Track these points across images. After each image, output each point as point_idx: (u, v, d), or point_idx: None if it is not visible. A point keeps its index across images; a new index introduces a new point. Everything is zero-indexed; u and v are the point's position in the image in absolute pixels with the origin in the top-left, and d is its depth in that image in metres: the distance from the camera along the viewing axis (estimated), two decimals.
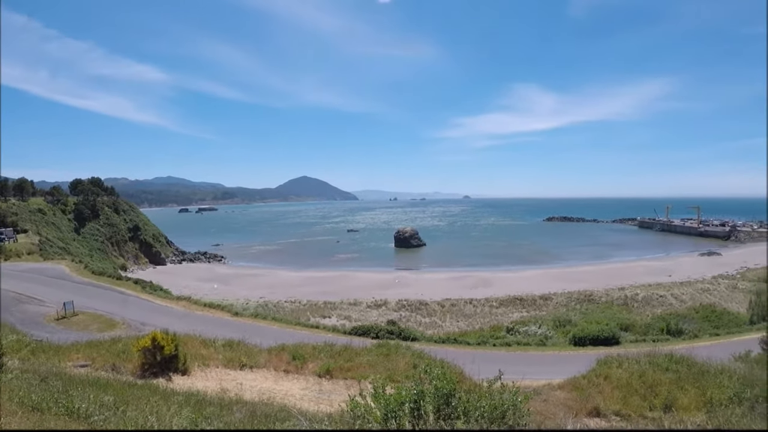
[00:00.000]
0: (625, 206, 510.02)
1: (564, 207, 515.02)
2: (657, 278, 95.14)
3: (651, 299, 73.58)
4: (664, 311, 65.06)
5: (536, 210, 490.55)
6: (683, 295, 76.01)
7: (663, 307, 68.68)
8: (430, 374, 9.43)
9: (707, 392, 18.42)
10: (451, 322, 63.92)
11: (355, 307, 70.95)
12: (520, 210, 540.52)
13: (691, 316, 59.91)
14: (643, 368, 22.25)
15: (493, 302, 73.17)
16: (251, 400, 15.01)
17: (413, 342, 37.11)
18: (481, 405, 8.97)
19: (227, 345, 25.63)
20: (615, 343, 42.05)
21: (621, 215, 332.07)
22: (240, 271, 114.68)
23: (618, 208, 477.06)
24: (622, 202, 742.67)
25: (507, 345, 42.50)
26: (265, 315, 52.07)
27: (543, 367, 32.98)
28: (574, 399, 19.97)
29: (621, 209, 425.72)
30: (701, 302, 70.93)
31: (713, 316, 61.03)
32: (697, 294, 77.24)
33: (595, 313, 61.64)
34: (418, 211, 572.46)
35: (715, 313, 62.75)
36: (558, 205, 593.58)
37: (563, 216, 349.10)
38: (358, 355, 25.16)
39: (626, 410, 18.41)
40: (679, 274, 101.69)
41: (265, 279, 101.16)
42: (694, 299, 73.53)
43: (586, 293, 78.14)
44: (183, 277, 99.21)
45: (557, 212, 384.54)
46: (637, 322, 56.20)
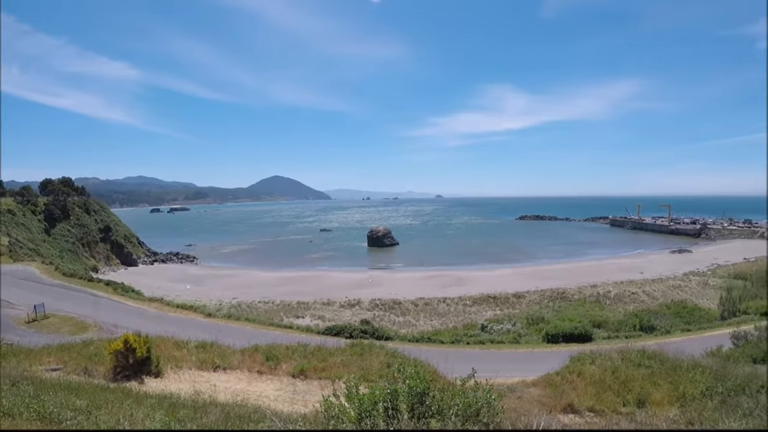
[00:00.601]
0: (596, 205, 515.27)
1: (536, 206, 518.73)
2: (629, 275, 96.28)
3: (623, 296, 74.38)
4: (636, 308, 65.78)
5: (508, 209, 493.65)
6: (655, 292, 76.98)
7: (635, 304, 69.47)
8: (403, 373, 9.43)
9: (680, 387, 18.57)
10: (425, 321, 63.99)
11: (328, 306, 70.71)
12: (492, 209, 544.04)
13: (663, 313, 60.65)
14: (616, 364, 22.41)
15: (466, 301, 73.43)
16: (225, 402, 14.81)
17: (387, 341, 37.03)
18: (455, 403, 8.98)
19: (200, 346, 25.30)
20: (588, 339, 42.44)
21: (593, 214, 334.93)
22: (213, 272, 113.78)
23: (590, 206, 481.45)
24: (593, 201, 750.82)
25: (481, 343, 42.64)
26: (238, 316, 51.72)
27: (517, 364, 33.12)
28: (548, 396, 20.05)
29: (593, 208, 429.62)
30: (673, 299, 71.89)
31: (685, 312, 61.82)
32: (669, 291, 78.27)
33: (568, 311, 61.99)
34: (391, 210, 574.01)
35: (687, 309, 63.58)
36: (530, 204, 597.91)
37: (535, 215, 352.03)
38: (332, 355, 24.99)
39: (600, 406, 18.50)
40: (650, 271, 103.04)
41: (238, 279, 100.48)
42: (666, 296, 74.51)
43: (558, 291, 78.78)
44: (155, 278, 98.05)
45: (529, 211, 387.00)
46: (609, 318, 56.73)
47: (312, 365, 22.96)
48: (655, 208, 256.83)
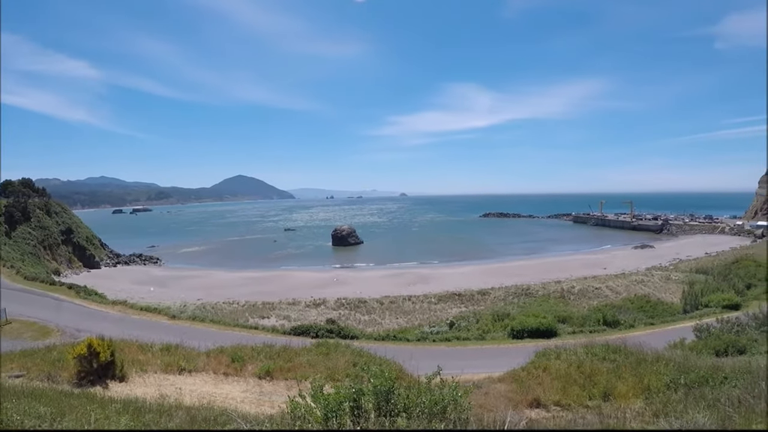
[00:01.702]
0: (560, 202, 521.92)
1: (500, 203, 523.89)
2: (592, 271, 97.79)
3: (587, 291, 75.31)
4: (600, 303, 66.68)
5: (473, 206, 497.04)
6: (618, 287, 78.06)
7: (599, 299, 70.40)
8: (369, 372, 9.42)
9: (645, 379, 18.79)
10: (391, 320, 64.08)
11: (293, 306, 70.34)
12: (456, 207, 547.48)
13: (627, 307, 61.60)
14: (581, 359, 22.64)
15: (431, 298, 73.70)
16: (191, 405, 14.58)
17: (353, 340, 37.07)
18: (421, 401, 9.01)
19: (165, 349, 24.95)
20: (553, 335, 42.86)
21: (556, 211, 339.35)
22: (176, 273, 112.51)
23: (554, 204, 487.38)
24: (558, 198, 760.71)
25: (447, 340, 42.76)
26: (203, 317, 51.16)
27: (483, 360, 33.27)
28: (514, 391, 20.15)
29: (556, 205, 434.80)
30: (636, 293, 73.07)
31: (648, 307, 62.89)
32: (632, 285, 79.47)
33: (533, 307, 62.58)
34: (356, 209, 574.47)
35: (650, 304, 64.69)
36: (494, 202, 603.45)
37: (499, 212, 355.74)
38: (298, 355, 24.94)
39: (566, 400, 18.65)
40: (613, 266, 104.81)
41: (203, 280, 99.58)
42: (629, 290, 75.64)
43: (523, 287, 79.42)
44: (118, 281, 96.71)
45: (493, 208, 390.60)
46: (574, 314, 57.38)
47: (278, 366, 22.83)
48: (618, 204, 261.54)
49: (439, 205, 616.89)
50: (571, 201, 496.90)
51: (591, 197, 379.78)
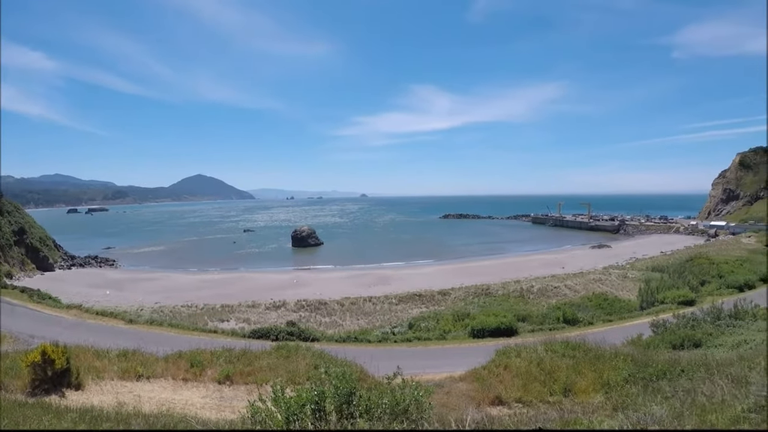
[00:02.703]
0: (520, 203, 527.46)
1: (460, 204, 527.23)
2: (551, 270, 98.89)
3: (546, 290, 76.12)
4: (559, 301, 67.40)
5: (433, 207, 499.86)
6: (576, 286, 79.14)
7: (558, 298, 71.23)
8: (330, 374, 9.36)
9: (604, 375, 19.11)
10: (351, 321, 63.84)
11: (253, 309, 69.54)
12: (416, 207, 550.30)
13: (585, 305, 62.44)
14: (541, 356, 22.94)
15: (392, 299, 73.63)
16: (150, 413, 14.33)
17: (314, 342, 36.97)
18: (382, 402, 9.02)
19: (122, 355, 24.42)
20: (513, 333, 43.34)
21: (516, 212, 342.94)
22: (133, 276, 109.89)
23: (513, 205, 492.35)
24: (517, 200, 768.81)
25: (408, 341, 42.87)
26: (160, 321, 50.34)
27: (444, 360, 33.45)
28: (476, 389, 20.31)
29: (516, 206, 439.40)
30: (594, 291, 74.11)
31: (606, 304, 63.84)
32: (590, 284, 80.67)
33: (493, 306, 62.99)
34: (316, 209, 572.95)
35: (608, 301, 65.68)
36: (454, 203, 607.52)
37: (459, 213, 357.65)
38: (258, 358, 24.70)
39: (527, 397, 18.88)
40: (572, 266, 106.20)
41: (160, 283, 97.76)
42: (587, 289, 76.74)
43: (483, 287, 79.86)
44: (73, 284, 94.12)
45: (453, 210, 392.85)
46: (533, 312, 57.90)
47: (238, 370, 22.60)
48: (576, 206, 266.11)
49: (399, 206, 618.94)
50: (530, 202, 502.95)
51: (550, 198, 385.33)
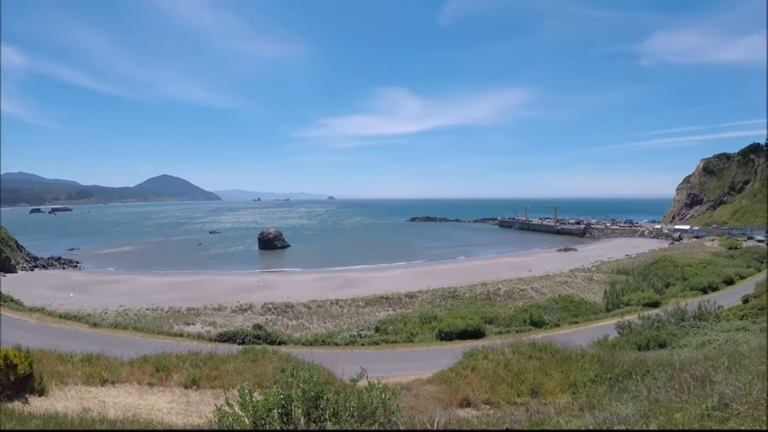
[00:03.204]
0: (487, 207, 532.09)
1: (428, 207, 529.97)
2: (518, 273, 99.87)
3: (513, 293, 76.73)
4: (525, 303, 67.97)
5: (400, 210, 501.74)
6: (543, 288, 79.96)
7: (524, 300, 71.90)
8: (297, 378, 9.32)
9: (571, 375, 19.32)
10: (319, 324, 63.64)
11: (219, 312, 68.90)
12: (384, 210, 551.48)
13: (552, 307, 63.09)
14: (508, 358, 23.10)
15: (359, 302, 73.59)
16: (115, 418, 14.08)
17: (281, 346, 36.79)
18: (350, 405, 9.00)
19: (86, 359, 23.87)
20: (480, 335, 43.49)
21: (483, 215, 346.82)
22: (98, 278, 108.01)
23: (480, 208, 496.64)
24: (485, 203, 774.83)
25: (375, 344, 42.80)
26: (125, 325, 49.27)
27: (412, 362, 33.45)
28: (443, 392, 20.34)
29: (483, 210, 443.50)
30: (560, 294, 75.05)
31: (572, 306, 64.62)
32: (556, 286, 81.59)
33: (460, 308, 63.30)
34: (283, 211, 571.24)
35: (574, 303, 66.47)
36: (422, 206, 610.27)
37: (426, 216, 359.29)
38: (225, 362, 24.42)
39: (495, 398, 18.97)
40: (538, 268, 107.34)
41: (125, 285, 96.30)
42: (554, 291, 77.63)
43: (450, 289, 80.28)
44: (36, 286, 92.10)
45: (421, 213, 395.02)
46: (500, 315, 58.34)
47: (204, 374, 22.31)
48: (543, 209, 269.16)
49: (367, 209, 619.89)
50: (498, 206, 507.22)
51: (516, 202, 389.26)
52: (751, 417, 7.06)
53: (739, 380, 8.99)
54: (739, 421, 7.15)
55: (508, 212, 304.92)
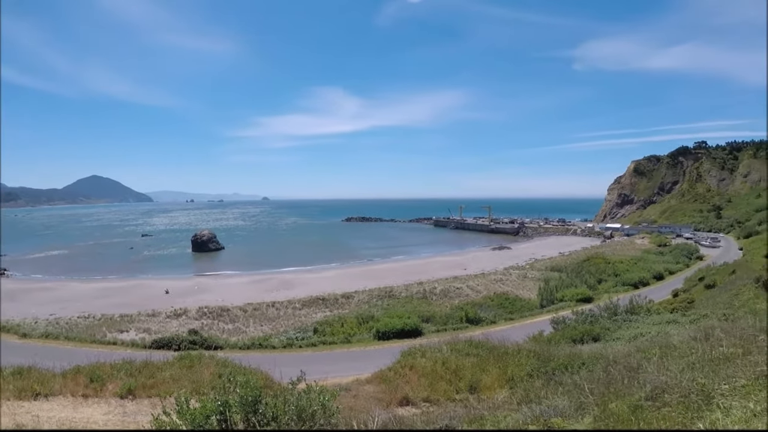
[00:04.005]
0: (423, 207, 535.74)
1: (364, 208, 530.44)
2: (453, 272, 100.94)
3: (449, 291, 77.54)
4: (462, 301, 68.86)
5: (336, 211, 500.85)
6: (478, 286, 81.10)
7: (461, 298, 72.74)
8: (234, 383, 9.24)
9: (508, 371, 19.71)
10: (255, 327, 62.96)
11: (153, 318, 67.37)
12: (319, 211, 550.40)
13: (488, 304, 64.18)
14: (446, 355, 23.34)
15: (296, 304, 73.13)
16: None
17: (217, 350, 36.31)
18: (289, 408, 8.95)
19: (17, 372, 22.93)
20: (418, 334, 43.88)
21: (419, 215, 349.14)
22: (26, 285, 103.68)
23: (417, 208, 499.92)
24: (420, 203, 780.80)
25: (313, 345, 42.75)
26: (57, 334, 47.84)
27: (350, 363, 33.51)
28: (383, 391, 20.42)
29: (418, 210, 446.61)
30: (496, 291, 76.37)
31: (507, 303, 65.92)
32: (491, 284, 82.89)
33: (397, 308, 63.59)
34: (217, 212, 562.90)
35: (509, 300, 67.82)
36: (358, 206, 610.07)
37: (361, 216, 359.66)
38: (161, 370, 23.87)
39: (434, 396, 19.18)
40: (473, 267, 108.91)
41: (55, 293, 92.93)
42: (489, 289, 78.82)
43: (386, 289, 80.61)
44: None
45: (357, 213, 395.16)
46: (437, 313, 58.96)
47: (140, 383, 21.77)
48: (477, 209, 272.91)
49: (302, 209, 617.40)
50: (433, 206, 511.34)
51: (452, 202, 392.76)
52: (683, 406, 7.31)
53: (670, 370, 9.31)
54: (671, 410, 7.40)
55: (443, 212, 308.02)
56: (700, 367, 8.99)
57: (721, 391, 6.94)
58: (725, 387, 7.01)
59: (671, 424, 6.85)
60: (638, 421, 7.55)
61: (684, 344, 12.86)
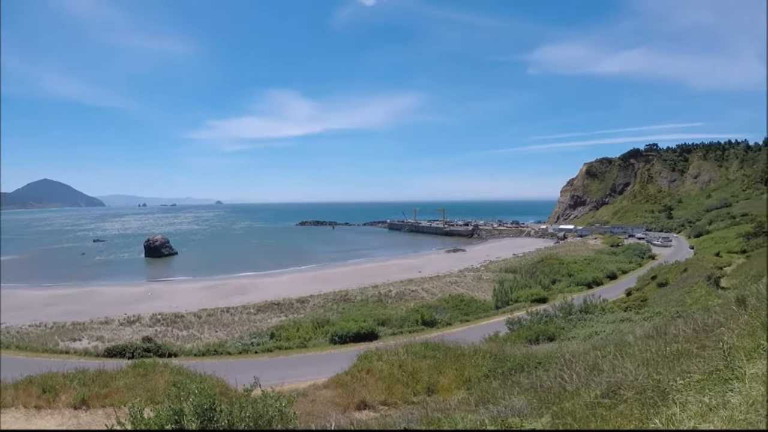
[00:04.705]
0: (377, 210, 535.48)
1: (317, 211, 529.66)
2: (408, 275, 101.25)
3: (404, 294, 77.74)
4: (417, 304, 69.04)
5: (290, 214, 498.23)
6: (434, 289, 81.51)
7: (416, 301, 73.00)
8: (189, 391, 9.09)
9: (465, 372, 19.85)
10: (210, 333, 62.19)
11: (106, 325, 65.91)
12: (273, 214, 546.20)
13: (443, 307, 64.44)
14: (402, 358, 23.36)
15: (250, 309, 72.47)
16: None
17: (172, 358, 35.70)
18: (245, 415, 8.85)
19: None
20: (374, 337, 43.93)
21: (372, 218, 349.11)
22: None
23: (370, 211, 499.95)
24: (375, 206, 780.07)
25: (269, 351, 42.41)
26: (7, 344, 46.38)
27: (307, 368, 33.36)
28: (340, 395, 20.39)
29: (373, 213, 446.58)
30: (451, 293, 76.78)
31: (462, 305, 66.33)
32: (447, 286, 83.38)
33: (352, 311, 63.45)
34: (170, 217, 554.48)
35: (464, 302, 68.25)
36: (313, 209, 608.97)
37: (316, 220, 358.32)
38: (114, 378, 23.36)
39: (392, 399, 19.20)
40: (428, 269, 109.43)
41: (5, 301, 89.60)
42: (444, 291, 79.29)
43: (342, 293, 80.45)
44: None
45: (311, 216, 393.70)
46: (392, 316, 59.00)
47: (94, 393, 21.30)
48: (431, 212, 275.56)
49: (256, 213, 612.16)
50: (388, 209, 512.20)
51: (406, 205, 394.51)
52: (639, 402, 7.41)
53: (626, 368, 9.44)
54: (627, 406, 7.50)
55: (398, 215, 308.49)
56: (655, 363, 9.13)
57: (677, 387, 7.06)
58: (680, 382, 7.13)
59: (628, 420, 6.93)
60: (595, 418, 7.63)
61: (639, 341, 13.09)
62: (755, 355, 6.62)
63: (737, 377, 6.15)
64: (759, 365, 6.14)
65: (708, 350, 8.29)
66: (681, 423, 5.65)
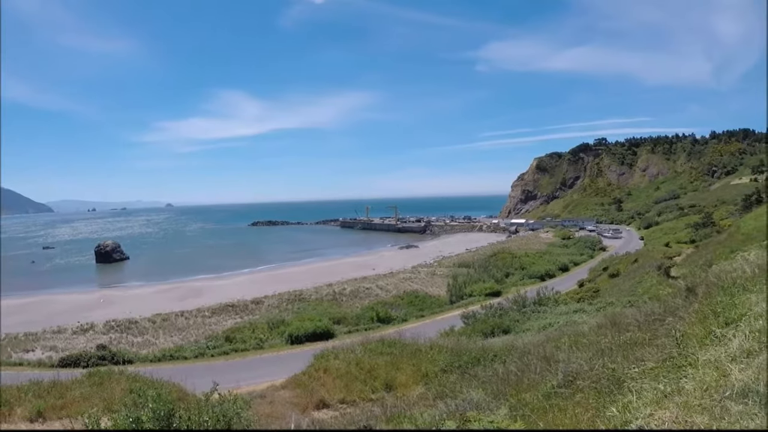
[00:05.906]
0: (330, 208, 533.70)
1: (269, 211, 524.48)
2: (362, 272, 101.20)
3: (358, 292, 77.69)
4: (372, 301, 69.05)
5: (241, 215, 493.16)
6: (388, 286, 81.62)
7: (370, 298, 72.96)
8: (145, 398, 8.97)
9: (422, 367, 19.94)
10: (165, 338, 61.13)
11: (59, 335, 64.18)
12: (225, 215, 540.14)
13: (398, 303, 64.81)
14: (359, 356, 23.39)
15: (205, 312, 71.57)
16: None
17: (127, 365, 35.02)
18: (204, 420, 8.75)
19: None
20: (330, 336, 43.85)
21: (324, 217, 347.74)
22: None
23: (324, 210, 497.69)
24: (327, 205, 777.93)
25: (225, 353, 41.99)
26: None
27: (264, 369, 33.15)
28: (298, 396, 20.31)
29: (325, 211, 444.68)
30: (405, 290, 77.01)
31: (417, 301, 66.75)
32: (401, 283, 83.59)
33: (308, 311, 63.17)
34: (121, 221, 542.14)
35: (419, 298, 68.65)
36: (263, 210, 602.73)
37: (268, 220, 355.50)
38: (70, 389, 22.80)
39: (351, 397, 19.19)
40: (382, 267, 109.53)
41: None
42: (398, 288, 79.45)
43: (296, 293, 79.99)
44: None
45: (263, 217, 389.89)
46: (348, 314, 59.01)
47: (50, 404, 20.81)
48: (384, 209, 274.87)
49: (207, 215, 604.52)
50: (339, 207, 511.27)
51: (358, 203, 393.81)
52: (595, 391, 7.52)
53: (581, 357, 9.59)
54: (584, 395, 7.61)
55: (350, 213, 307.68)
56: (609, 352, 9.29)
57: (632, 375, 7.18)
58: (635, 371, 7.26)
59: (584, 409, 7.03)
60: (552, 408, 7.72)
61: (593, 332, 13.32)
62: (707, 341, 6.77)
63: (690, 364, 6.28)
64: (711, 351, 6.28)
65: (660, 338, 8.46)
66: (637, 410, 5.73)
